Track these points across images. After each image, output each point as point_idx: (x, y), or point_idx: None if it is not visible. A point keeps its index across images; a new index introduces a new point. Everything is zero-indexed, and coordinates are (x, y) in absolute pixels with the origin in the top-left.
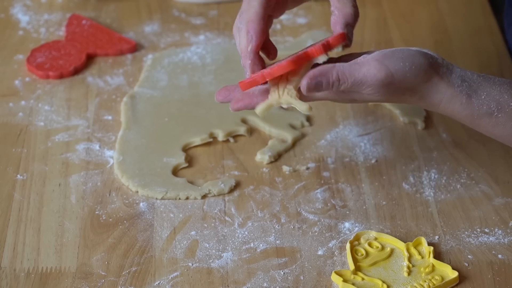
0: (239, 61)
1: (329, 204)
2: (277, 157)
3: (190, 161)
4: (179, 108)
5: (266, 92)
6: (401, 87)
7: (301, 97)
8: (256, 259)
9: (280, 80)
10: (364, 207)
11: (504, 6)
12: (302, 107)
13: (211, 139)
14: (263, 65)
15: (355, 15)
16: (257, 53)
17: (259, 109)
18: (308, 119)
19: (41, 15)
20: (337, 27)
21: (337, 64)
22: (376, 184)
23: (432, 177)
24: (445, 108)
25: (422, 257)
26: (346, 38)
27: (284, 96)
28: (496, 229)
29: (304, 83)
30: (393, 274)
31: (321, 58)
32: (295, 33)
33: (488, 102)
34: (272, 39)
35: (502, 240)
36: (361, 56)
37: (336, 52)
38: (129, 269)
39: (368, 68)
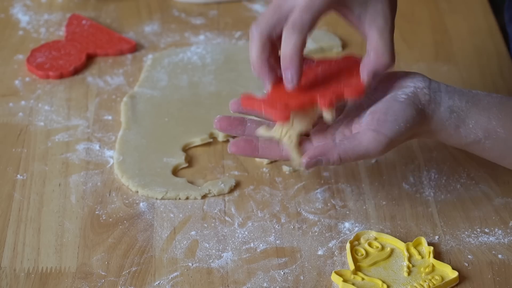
0: (239, 61)
1: (329, 204)
2: None
3: (190, 161)
4: (179, 108)
5: (271, 146)
6: (399, 143)
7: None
8: (256, 259)
9: None
10: (364, 207)
11: (503, 6)
12: (295, 161)
13: (211, 140)
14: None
15: (389, 64)
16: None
17: (260, 132)
18: None
19: (41, 15)
20: (364, 73)
21: (338, 143)
22: (376, 184)
23: (432, 177)
24: (434, 137)
25: (422, 257)
26: (363, 93)
27: (285, 138)
28: (496, 229)
29: (304, 161)
30: (393, 274)
31: (326, 115)
32: None
33: (475, 130)
34: None
35: (502, 240)
36: (357, 124)
37: (336, 52)
38: (129, 269)
39: (368, 141)
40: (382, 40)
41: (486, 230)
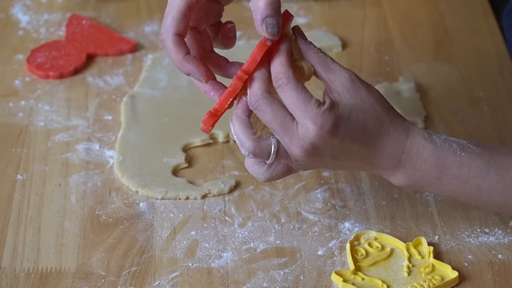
0: (239, 60)
1: (329, 204)
2: None
3: (190, 161)
4: (179, 108)
5: None
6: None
7: None
8: (256, 259)
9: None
10: (364, 207)
11: (504, 6)
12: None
13: (211, 141)
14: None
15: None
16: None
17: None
18: None
19: (41, 15)
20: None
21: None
22: (376, 184)
23: None
24: (411, 145)
25: (422, 257)
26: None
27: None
28: (496, 229)
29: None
30: (393, 274)
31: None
32: None
33: (448, 142)
34: None
35: (502, 240)
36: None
37: (336, 52)
38: (129, 269)
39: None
40: None
41: (486, 230)
